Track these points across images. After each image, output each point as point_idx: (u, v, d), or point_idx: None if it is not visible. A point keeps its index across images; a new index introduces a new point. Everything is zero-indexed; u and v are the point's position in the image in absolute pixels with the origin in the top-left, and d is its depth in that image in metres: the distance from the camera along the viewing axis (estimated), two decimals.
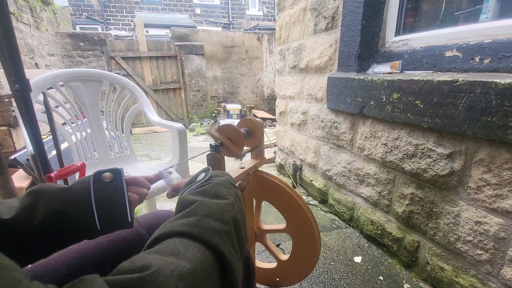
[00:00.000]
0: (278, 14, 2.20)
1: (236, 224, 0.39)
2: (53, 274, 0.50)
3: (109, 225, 0.45)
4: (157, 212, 0.69)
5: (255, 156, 0.90)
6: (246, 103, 6.03)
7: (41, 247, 0.43)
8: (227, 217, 0.38)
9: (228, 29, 11.60)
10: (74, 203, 0.43)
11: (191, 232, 0.32)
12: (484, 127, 0.84)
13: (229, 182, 0.48)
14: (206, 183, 0.46)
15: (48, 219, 0.42)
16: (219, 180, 0.47)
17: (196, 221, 0.34)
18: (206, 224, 0.35)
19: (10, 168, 1.17)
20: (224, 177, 0.49)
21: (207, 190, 0.43)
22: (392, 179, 1.31)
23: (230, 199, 0.43)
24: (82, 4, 10.28)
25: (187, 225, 0.34)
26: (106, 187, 0.46)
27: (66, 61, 4.57)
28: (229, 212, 0.39)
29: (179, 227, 0.33)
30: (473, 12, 1.16)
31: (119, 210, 0.46)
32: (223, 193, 0.43)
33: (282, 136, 2.46)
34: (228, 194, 0.44)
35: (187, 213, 0.37)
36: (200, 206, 0.38)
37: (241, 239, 0.39)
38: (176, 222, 0.34)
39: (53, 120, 0.89)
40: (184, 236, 0.32)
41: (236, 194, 0.46)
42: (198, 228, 0.33)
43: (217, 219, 0.36)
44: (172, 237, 0.32)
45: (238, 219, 0.40)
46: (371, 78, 1.24)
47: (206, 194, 0.42)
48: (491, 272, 0.93)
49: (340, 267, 1.31)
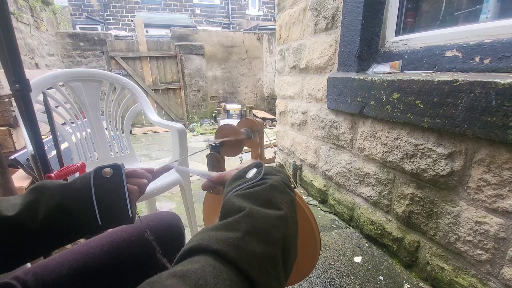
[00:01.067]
0: (278, 14, 2.20)
1: (286, 244, 0.33)
2: (54, 274, 0.50)
3: (110, 220, 0.45)
4: (157, 213, 0.69)
5: (255, 156, 0.91)
6: (246, 103, 6.03)
7: (43, 243, 0.43)
8: (276, 236, 0.32)
9: (228, 29, 11.60)
10: (75, 199, 0.43)
11: (227, 253, 0.27)
12: (484, 127, 0.84)
13: (284, 184, 0.40)
14: (258, 183, 0.39)
15: (51, 215, 0.42)
16: (273, 181, 0.40)
17: (236, 240, 0.29)
18: (248, 246, 0.29)
19: (10, 168, 1.17)
20: (279, 176, 0.41)
21: (259, 193, 0.37)
22: (392, 179, 1.31)
23: (284, 210, 0.35)
24: (82, 4, 10.28)
25: (225, 243, 0.29)
26: (107, 183, 0.45)
27: (66, 61, 4.57)
28: (279, 229, 0.33)
29: (216, 243, 0.28)
30: (473, 12, 1.16)
31: (120, 205, 0.45)
32: (276, 200, 0.36)
33: (282, 136, 2.46)
34: (282, 202, 0.37)
35: (229, 225, 0.31)
36: (245, 219, 0.32)
37: (290, 261, 0.34)
38: (215, 234, 0.30)
39: (53, 120, 0.89)
40: (218, 258, 0.27)
41: (291, 201, 0.39)
42: (237, 249, 0.28)
43: (262, 240, 0.30)
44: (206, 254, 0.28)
45: (290, 236, 0.34)
46: (371, 78, 1.24)
47: (256, 200, 0.36)
48: (491, 272, 0.93)
49: (340, 267, 1.31)
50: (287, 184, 0.41)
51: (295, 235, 0.36)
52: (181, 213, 1.69)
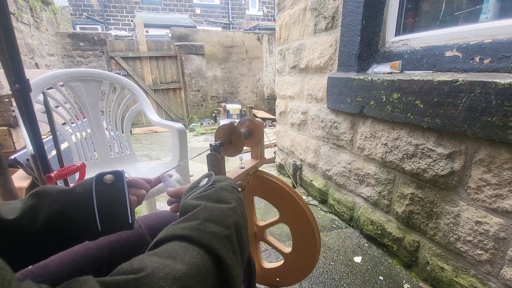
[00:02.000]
0: (278, 14, 2.20)
1: (237, 228, 0.39)
2: (54, 275, 0.50)
3: (110, 226, 0.46)
4: (157, 213, 0.69)
5: (255, 156, 0.91)
6: (246, 103, 6.03)
7: (43, 247, 0.43)
8: (229, 221, 0.39)
9: (228, 29, 11.60)
10: (76, 204, 0.44)
11: (191, 235, 0.33)
12: (484, 127, 0.84)
13: (232, 187, 0.49)
14: (209, 188, 0.47)
15: (51, 220, 0.42)
16: (222, 184, 0.48)
17: (197, 225, 0.35)
18: (207, 228, 0.35)
19: (10, 168, 1.17)
20: (227, 182, 0.50)
21: (210, 194, 0.44)
22: (392, 179, 1.31)
23: (233, 204, 0.43)
24: (82, 4, 10.28)
25: (188, 229, 0.34)
26: (108, 189, 0.46)
27: (66, 61, 4.57)
28: (230, 217, 0.40)
29: (180, 230, 0.34)
30: (473, 12, 1.16)
31: (120, 211, 0.46)
32: (225, 197, 0.44)
33: (282, 136, 2.46)
34: (231, 198, 0.44)
35: (189, 217, 0.38)
36: (202, 210, 0.39)
37: (243, 243, 0.40)
38: (178, 226, 0.36)
39: (53, 120, 0.89)
40: (184, 240, 0.33)
41: (239, 198, 0.47)
42: (198, 232, 0.34)
43: (218, 223, 0.37)
44: (172, 241, 0.33)
45: (240, 223, 0.41)
46: (371, 78, 1.24)
47: (208, 199, 0.43)
48: (491, 272, 0.93)
49: (340, 267, 1.31)
50: (235, 187, 0.50)
51: (245, 224, 0.44)
52: None
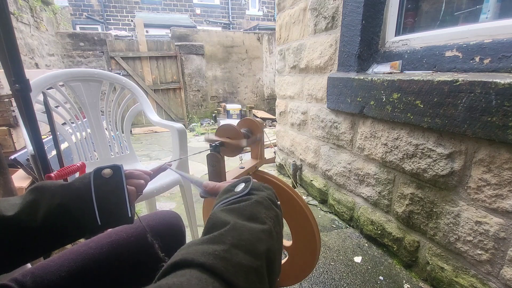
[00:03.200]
0: (278, 14, 2.20)
1: (270, 257, 0.33)
2: (53, 275, 0.50)
3: (109, 221, 0.46)
4: (157, 213, 0.69)
5: (255, 156, 0.90)
6: (246, 103, 6.03)
7: (43, 243, 0.43)
8: (261, 249, 0.32)
9: (228, 29, 11.60)
10: (75, 199, 0.44)
11: (213, 266, 0.28)
12: (484, 127, 0.84)
13: (270, 200, 0.42)
14: (244, 199, 0.41)
15: (50, 215, 0.42)
16: (259, 196, 0.41)
17: (222, 252, 0.30)
18: (233, 258, 0.29)
19: (10, 168, 1.17)
20: (265, 193, 0.43)
21: (243, 209, 0.38)
22: (392, 179, 1.31)
23: (268, 224, 0.37)
24: (82, 4, 10.28)
25: (211, 256, 0.29)
26: (106, 183, 0.46)
27: (66, 61, 4.57)
28: (263, 243, 0.33)
29: (201, 256, 0.29)
30: (473, 12, 1.16)
31: (119, 205, 0.46)
32: (261, 215, 0.38)
33: (282, 136, 2.46)
34: (267, 217, 0.38)
35: (215, 238, 0.32)
36: (230, 232, 0.33)
37: (273, 274, 0.34)
38: (200, 248, 0.30)
39: (53, 120, 0.89)
40: (205, 271, 0.27)
41: (276, 216, 0.40)
42: (223, 262, 0.28)
43: (247, 252, 0.31)
44: (192, 268, 0.28)
45: (274, 250, 0.35)
46: (371, 78, 1.24)
47: (240, 214, 0.37)
48: (491, 272, 0.93)
49: (340, 267, 1.31)
50: (273, 200, 0.43)
51: (279, 249, 0.37)
52: (181, 213, 1.68)
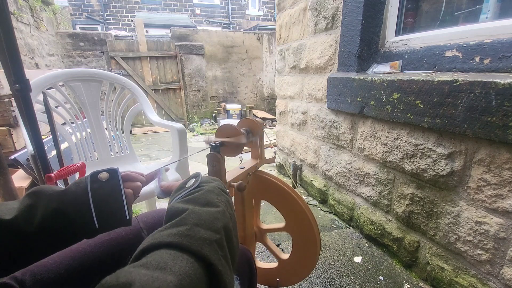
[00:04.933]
0: (278, 14, 2.20)
1: (227, 232, 0.38)
2: (53, 273, 0.50)
3: (107, 223, 0.46)
4: (156, 211, 0.69)
5: (255, 156, 0.90)
6: (246, 103, 6.03)
7: (41, 247, 0.43)
8: (218, 225, 0.38)
9: (228, 29, 11.60)
10: (72, 203, 0.44)
11: (180, 242, 0.32)
12: (484, 127, 0.84)
13: (219, 189, 0.48)
14: (196, 190, 0.46)
15: (47, 219, 0.42)
16: (209, 186, 0.47)
17: (186, 231, 0.34)
18: (196, 234, 0.34)
19: (10, 168, 1.17)
20: (214, 183, 0.49)
21: (197, 197, 0.43)
22: (392, 179, 1.31)
23: (221, 207, 0.42)
24: (82, 4, 10.27)
25: (176, 235, 0.33)
26: (103, 186, 0.46)
27: (66, 61, 4.57)
28: (220, 220, 0.39)
29: (167, 237, 0.32)
30: (473, 12, 1.16)
31: (117, 208, 0.46)
32: (213, 200, 0.43)
33: (282, 136, 2.46)
34: (219, 201, 0.43)
35: (176, 223, 0.36)
36: (190, 215, 0.37)
37: (233, 247, 0.39)
38: (165, 232, 0.34)
39: (53, 120, 0.89)
40: (172, 248, 0.31)
41: (227, 200, 0.46)
42: (187, 238, 0.33)
43: (207, 228, 0.36)
44: (160, 249, 0.31)
45: (230, 227, 0.40)
46: (371, 78, 1.24)
47: (196, 202, 0.42)
48: (491, 272, 0.93)
49: (340, 267, 1.31)
50: (222, 189, 0.49)
51: (234, 227, 0.43)
52: None
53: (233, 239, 0.40)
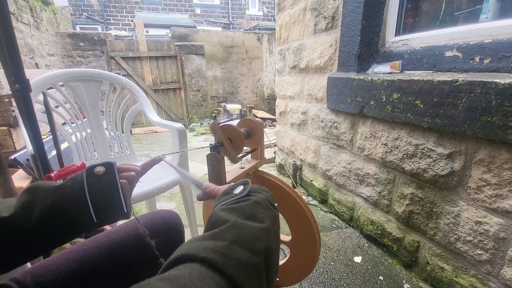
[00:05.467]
0: (278, 14, 2.20)
1: (268, 254, 0.35)
2: (53, 275, 0.50)
3: (105, 217, 0.46)
4: (156, 212, 0.69)
5: (255, 156, 0.90)
6: (246, 103, 6.03)
7: (40, 243, 0.43)
8: (259, 246, 0.34)
9: (228, 29, 11.60)
10: (68, 198, 0.44)
11: (214, 260, 0.29)
12: (484, 127, 0.84)
13: (268, 202, 0.44)
14: (244, 199, 0.42)
15: (45, 215, 0.42)
16: (258, 197, 0.43)
17: (223, 248, 0.31)
18: (233, 253, 0.31)
19: (10, 168, 1.17)
20: (263, 194, 0.45)
21: (243, 208, 0.40)
22: (392, 179, 1.30)
23: (266, 223, 0.38)
24: (82, 4, 10.28)
25: (212, 251, 0.30)
26: (99, 180, 0.46)
27: (66, 61, 4.57)
28: (262, 240, 0.35)
29: (203, 251, 0.30)
30: (473, 12, 1.16)
31: (114, 201, 0.46)
32: (259, 214, 0.39)
33: (282, 136, 2.46)
34: (265, 216, 0.40)
35: (215, 235, 0.34)
36: (230, 229, 0.35)
37: (271, 272, 0.35)
38: (201, 244, 0.31)
39: (53, 120, 0.89)
40: (206, 265, 0.29)
41: (274, 217, 0.42)
42: (223, 257, 0.30)
43: (246, 248, 0.32)
44: (193, 262, 0.29)
45: (272, 248, 0.36)
46: (371, 78, 1.24)
47: (240, 213, 0.38)
48: (491, 272, 0.93)
49: (340, 267, 1.31)
50: (271, 202, 0.45)
51: (276, 248, 0.39)
52: (181, 213, 1.68)
53: (273, 263, 0.36)
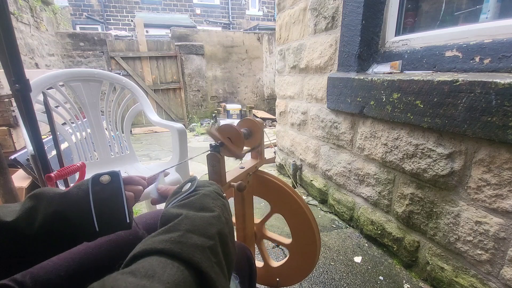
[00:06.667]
0: (278, 14, 2.20)
1: (222, 238, 0.38)
2: (52, 274, 0.50)
3: (107, 227, 0.45)
4: (156, 211, 0.69)
5: (255, 156, 0.90)
6: (246, 103, 6.03)
7: (42, 250, 0.43)
8: (212, 231, 0.37)
9: (228, 29, 11.60)
10: (72, 205, 0.44)
11: (170, 249, 0.31)
12: (484, 127, 0.84)
13: (216, 193, 0.47)
14: (192, 194, 0.45)
15: (47, 222, 0.42)
16: (205, 190, 0.46)
17: (178, 237, 0.33)
18: (188, 240, 0.33)
19: (10, 168, 1.17)
20: (211, 187, 0.48)
21: (193, 202, 0.42)
22: (392, 179, 1.30)
23: (217, 211, 0.41)
24: (82, 4, 10.27)
25: (168, 242, 0.32)
26: (104, 190, 0.46)
27: (66, 61, 4.57)
28: (214, 226, 0.38)
29: (159, 244, 0.32)
30: (473, 12, 1.16)
31: (118, 211, 0.46)
32: (209, 204, 0.42)
33: (282, 136, 2.46)
34: (215, 205, 0.43)
35: (169, 228, 0.35)
36: (183, 220, 0.37)
37: (229, 253, 0.38)
38: (157, 238, 0.33)
39: (53, 120, 0.89)
40: (163, 255, 0.30)
41: (223, 205, 0.45)
42: (179, 245, 0.32)
43: (201, 234, 0.35)
44: (151, 255, 0.30)
45: (225, 232, 0.39)
46: (371, 78, 1.24)
47: (191, 207, 0.41)
48: (491, 272, 0.93)
49: (340, 267, 1.31)
50: (219, 192, 0.48)
51: (230, 232, 0.42)
52: None
53: (229, 244, 0.39)
